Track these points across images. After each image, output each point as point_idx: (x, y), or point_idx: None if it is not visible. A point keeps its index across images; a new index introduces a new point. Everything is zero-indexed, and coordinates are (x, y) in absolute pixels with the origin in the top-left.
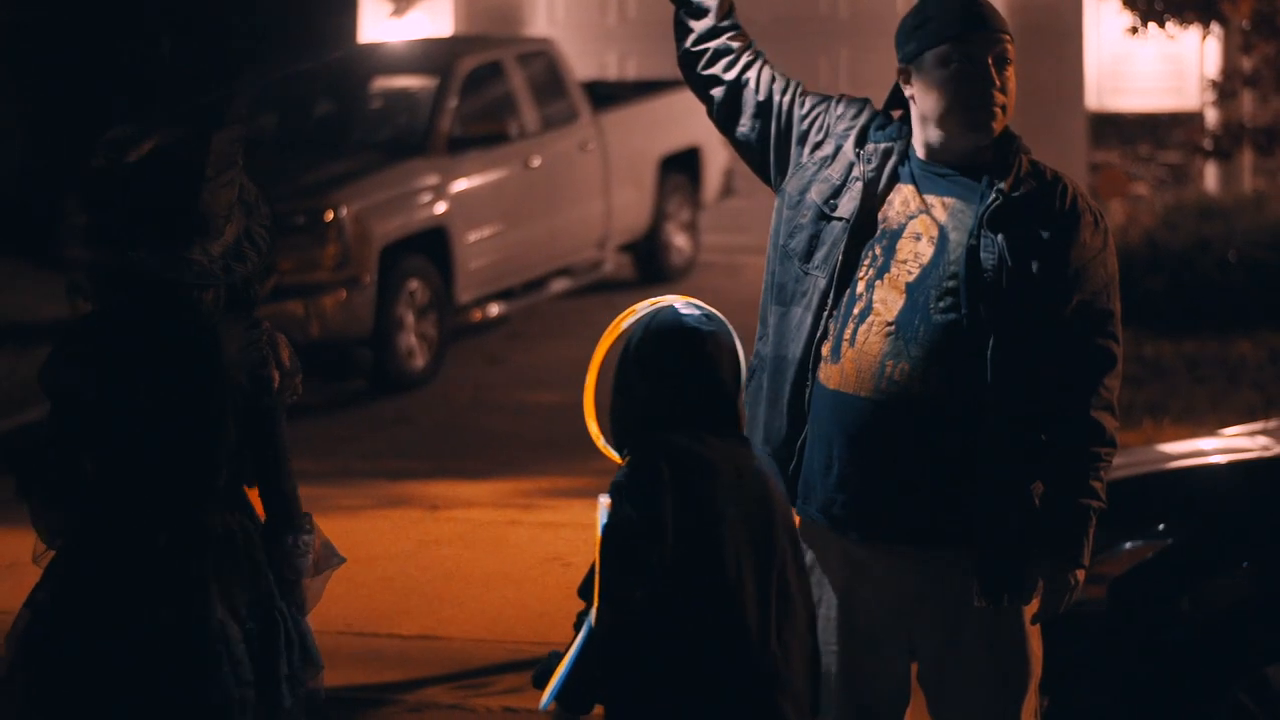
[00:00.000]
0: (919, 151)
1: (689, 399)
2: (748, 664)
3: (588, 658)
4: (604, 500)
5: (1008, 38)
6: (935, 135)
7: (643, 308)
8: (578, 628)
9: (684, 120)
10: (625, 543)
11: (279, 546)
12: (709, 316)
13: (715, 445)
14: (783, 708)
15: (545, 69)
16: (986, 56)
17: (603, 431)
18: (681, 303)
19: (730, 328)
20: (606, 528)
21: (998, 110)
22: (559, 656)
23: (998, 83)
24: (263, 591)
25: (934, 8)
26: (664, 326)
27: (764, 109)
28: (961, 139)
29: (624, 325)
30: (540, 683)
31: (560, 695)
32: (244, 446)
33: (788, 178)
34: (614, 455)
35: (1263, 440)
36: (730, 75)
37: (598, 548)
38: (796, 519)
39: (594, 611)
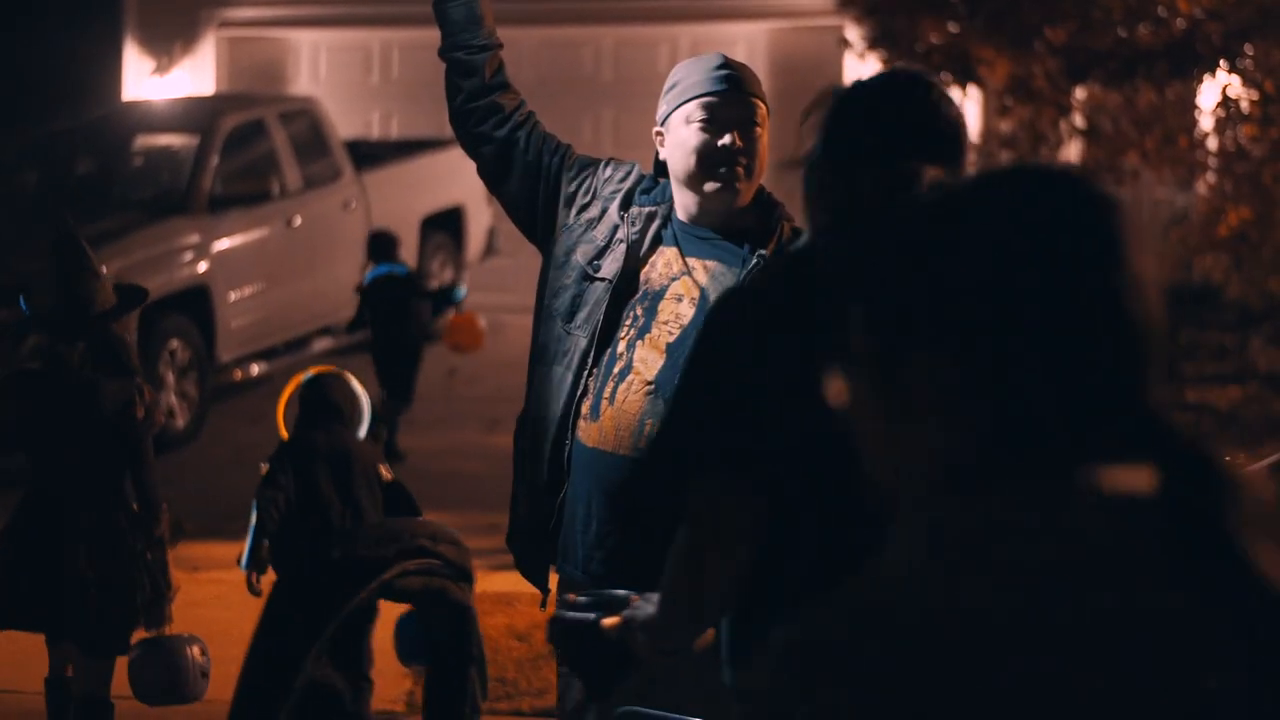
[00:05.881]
0: (680, 214)
1: (312, 409)
2: (329, 544)
3: (259, 534)
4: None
5: (758, 100)
6: (687, 197)
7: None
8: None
9: (447, 180)
10: (269, 478)
11: (145, 522)
12: (335, 375)
13: (320, 432)
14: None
15: (308, 128)
16: (730, 117)
17: None
18: (328, 369)
19: (350, 381)
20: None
21: (740, 170)
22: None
23: (740, 144)
24: (125, 553)
25: (686, 70)
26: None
27: (532, 169)
28: (710, 200)
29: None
30: (239, 561)
31: (248, 564)
32: (123, 458)
33: (554, 238)
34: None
35: None
36: (499, 134)
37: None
38: (554, 576)
39: None
